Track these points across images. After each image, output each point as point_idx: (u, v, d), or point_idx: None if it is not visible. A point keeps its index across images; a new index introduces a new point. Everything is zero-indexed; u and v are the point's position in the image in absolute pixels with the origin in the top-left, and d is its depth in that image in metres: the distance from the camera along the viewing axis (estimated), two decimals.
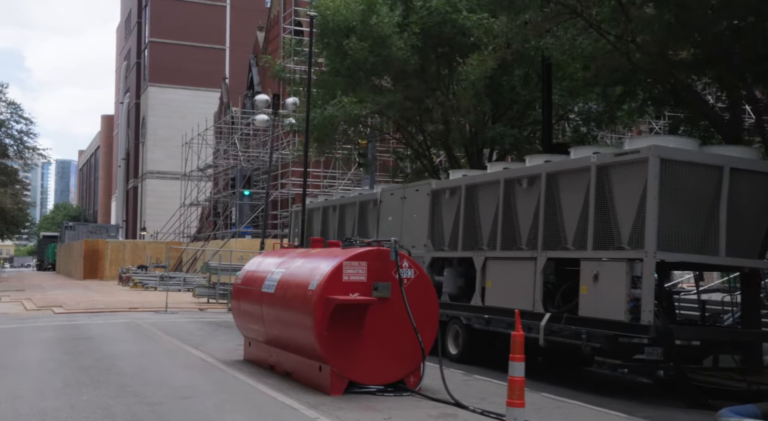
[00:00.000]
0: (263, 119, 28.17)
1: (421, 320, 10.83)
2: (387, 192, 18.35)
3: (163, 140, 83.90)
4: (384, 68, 19.64)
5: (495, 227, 13.96)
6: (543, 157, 13.29)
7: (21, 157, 48.40)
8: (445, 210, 15.80)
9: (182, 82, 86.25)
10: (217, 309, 27.77)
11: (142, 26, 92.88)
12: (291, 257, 12.71)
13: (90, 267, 55.83)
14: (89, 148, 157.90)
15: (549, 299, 12.53)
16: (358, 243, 11.45)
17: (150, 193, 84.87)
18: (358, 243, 11.46)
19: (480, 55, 17.40)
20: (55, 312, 25.15)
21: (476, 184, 14.75)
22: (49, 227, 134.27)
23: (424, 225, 16.36)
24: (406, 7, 19.20)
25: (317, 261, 11.48)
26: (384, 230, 18.12)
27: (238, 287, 14.07)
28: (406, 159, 25.62)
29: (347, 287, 10.63)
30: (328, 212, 21.76)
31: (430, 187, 16.31)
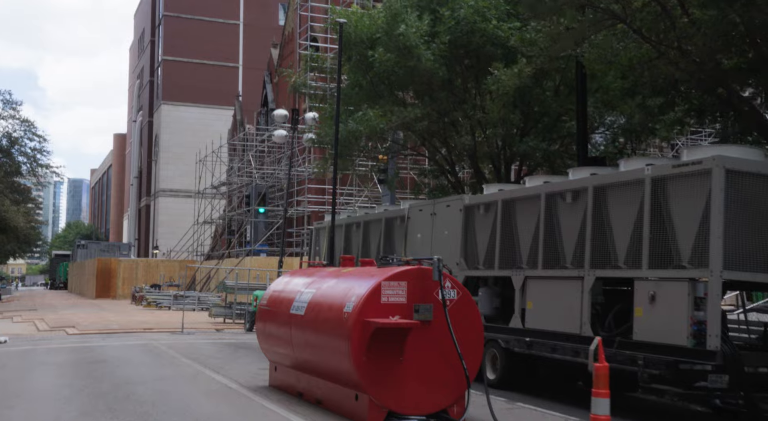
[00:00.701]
0: (282, 135, 27.52)
1: (466, 345, 10.02)
2: (415, 208, 17.58)
3: (176, 158, 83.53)
4: (410, 80, 18.95)
5: (536, 245, 13.15)
6: (588, 170, 12.50)
7: (34, 174, 47.94)
8: (479, 226, 15.01)
9: (195, 100, 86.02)
10: (235, 329, 27.00)
11: (155, 44, 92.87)
12: (321, 277, 11.94)
13: (102, 286, 55.21)
14: (101, 167, 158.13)
15: (598, 322, 11.69)
16: (396, 261, 10.68)
17: (162, 212, 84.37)
18: (395, 261, 10.68)
19: (513, 64, 16.65)
20: (68, 333, 24.44)
21: (514, 199, 13.97)
22: (61, 245, 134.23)
23: (456, 242, 15.57)
24: (433, 17, 18.52)
25: (352, 281, 10.71)
26: (412, 248, 17.34)
27: (263, 308, 13.30)
28: (429, 175, 24.85)
29: (386, 309, 9.85)
30: (351, 229, 21.01)
31: (462, 203, 15.53)
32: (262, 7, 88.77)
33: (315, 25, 43.90)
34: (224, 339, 22.85)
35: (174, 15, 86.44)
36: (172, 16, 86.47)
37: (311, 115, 26.51)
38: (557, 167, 19.12)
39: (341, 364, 10.09)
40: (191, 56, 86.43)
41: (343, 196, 44.16)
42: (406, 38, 17.69)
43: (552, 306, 12.60)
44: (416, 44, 17.88)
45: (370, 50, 18.59)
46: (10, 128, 44.65)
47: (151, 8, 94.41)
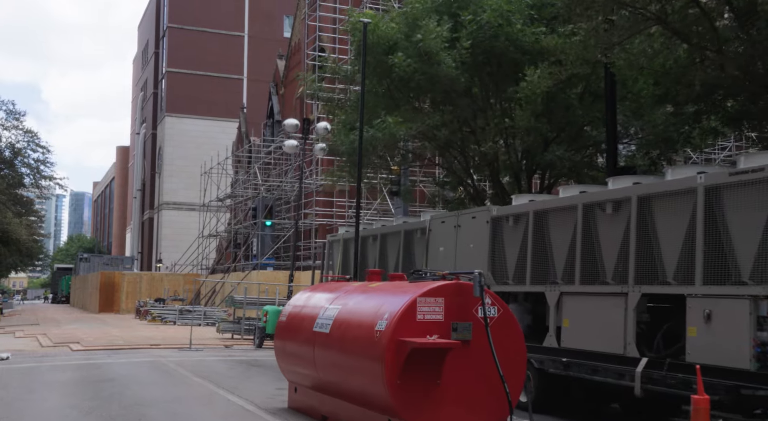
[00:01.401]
0: (292, 145, 26.80)
1: (507, 366, 9.25)
2: (437, 220, 16.83)
3: (180, 171, 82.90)
4: (430, 87, 18.23)
5: (572, 258, 12.39)
6: (630, 179, 11.75)
7: (37, 186, 47.23)
8: (508, 239, 14.26)
9: (199, 113, 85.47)
10: (244, 345, 26.20)
11: (159, 56, 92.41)
12: (347, 292, 11.17)
13: (106, 300, 54.40)
14: (104, 180, 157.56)
15: (644, 342, 10.91)
16: (430, 276, 9.92)
17: (166, 225, 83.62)
18: (429, 276, 9.93)
19: (542, 69, 15.94)
20: (72, 349, 23.64)
21: (547, 210, 13.22)
22: (63, 258, 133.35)
23: (482, 256, 14.81)
24: (454, 21, 17.82)
25: (382, 297, 9.95)
26: (434, 261, 16.59)
27: (282, 324, 12.53)
28: (447, 186, 24.08)
29: (422, 327, 9.08)
30: (368, 241, 20.26)
31: (489, 214, 14.78)
32: (267, 19, 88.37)
33: (323, 35, 43.34)
34: (234, 356, 22.05)
35: (178, 27, 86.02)
36: (177, 27, 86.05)
37: (323, 125, 25.76)
38: (582, 178, 18.37)
39: (372, 387, 9.32)
40: (195, 68, 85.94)
41: (351, 210, 43.42)
42: (426, 44, 16.99)
43: (591, 324, 11.83)
44: (436, 50, 17.18)
45: (390, 55, 17.89)
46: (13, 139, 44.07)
47: (155, 20, 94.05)
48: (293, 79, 54.51)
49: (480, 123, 18.25)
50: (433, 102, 18.82)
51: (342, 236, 21.80)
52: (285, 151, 50.44)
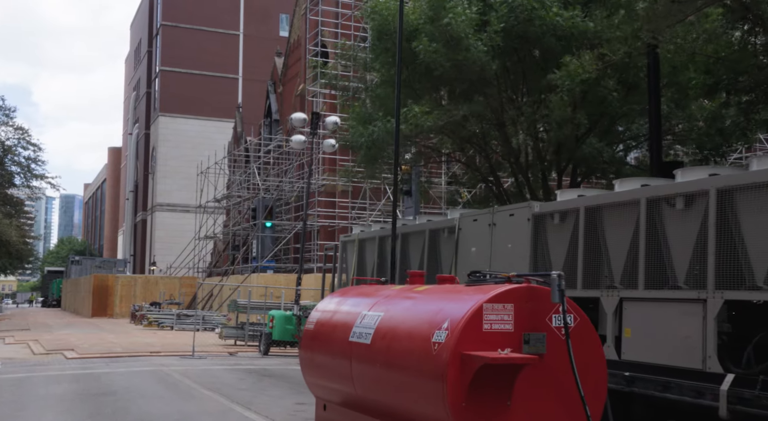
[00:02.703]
0: (300, 140, 25.42)
1: (587, 384, 7.91)
2: (468, 218, 15.48)
3: (174, 172, 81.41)
4: (456, 75, 16.89)
5: (634, 260, 11.05)
6: (705, 170, 10.42)
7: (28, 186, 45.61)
8: (553, 238, 12.91)
9: (193, 112, 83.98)
10: (248, 352, 24.83)
11: (152, 55, 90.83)
12: (387, 297, 9.80)
13: (99, 304, 52.84)
14: (95, 182, 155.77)
15: (727, 355, 9.58)
16: (491, 278, 8.57)
17: (159, 227, 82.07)
18: (491, 278, 8.58)
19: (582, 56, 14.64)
20: (67, 357, 22.21)
21: (602, 206, 11.87)
22: (54, 261, 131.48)
23: (523, 257, 13.46)
24: (483, 3, 16.49)
25: (436, 303, 8.59)
26: (464, 263, 15.25)
27: (310, 333, 11.14)
28: (467, 183, 22.74)
29: (489, 339, 7.72)
30: (386, 242, 18.87)
31: (531, 211, 13.43)
32: (263, 18, 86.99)
33: (325, 30, 42.01)
34: (241, 365, 20.66)
35: (172, 25, 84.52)
36: (170, 25, 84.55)
37: (333, 119, 24.43)
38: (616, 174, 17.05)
39: (429, 408, 7.96)
40: (190, 67, 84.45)
41: (354, 210, 42.12)
42: (455, 27, 15.66)
43: (660, 335, 10.48)
44: (465, 34, 15.86)
45: (414, 41, 16.56)
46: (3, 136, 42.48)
47: (149, 18, 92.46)
48: (292, 77, 53.26)
49: (511, 114, 16.92)
50: (458, 92, 17.46)
51: (357, 236, 20.42)
52: (284, 150, 49.25)
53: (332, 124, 24.57)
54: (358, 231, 20.83)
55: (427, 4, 16.70)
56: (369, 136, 17.93)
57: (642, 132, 17.41)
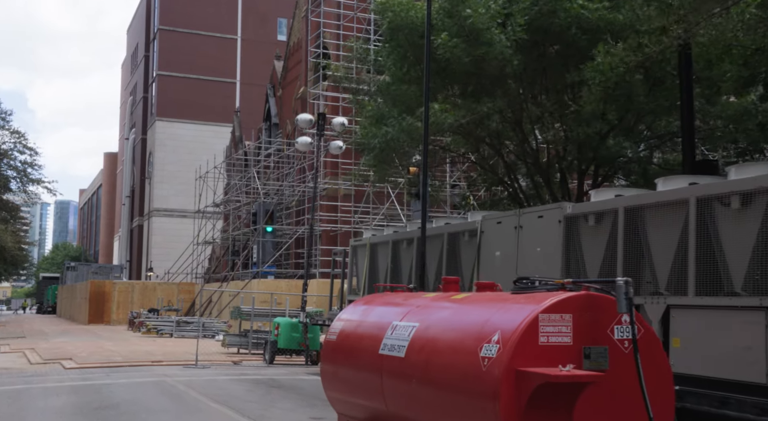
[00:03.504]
0: (306, 142, 24.58)
1: (654, 403, 7.07)
2: (491, 220, 14.69)
3: (171, 176, 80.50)
4: (475, 71, 16.09)
5: (682, 264, 10.26)
6: (764, 167, 9.62)
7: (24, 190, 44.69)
8: (587, 241, 12.13)
9: (191, 117, 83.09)
10: (253, 361, 23.95)
11: (149, 59, 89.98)
12: (422, 306, 8.96)
13: (96, 310, 51.83)
14: (90, 187, 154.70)
15: None
16: (542, 285, 7.73)
17: (156, 232, 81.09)
18: (541, 285, 7.74)
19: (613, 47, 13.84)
20: (65, 367, 21.30)
21: (643, 207, 11.10)
22: (48, 267, 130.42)
23: (554, 262, 12.68)
24: None
25: (480, 312, 7.74)
26: (488, 268, 14.47)
27: (332, 345, 10.28)
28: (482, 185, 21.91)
29: (546, 353, 6.87)
30: (400, 246, 18.09)
31: (562, 213, 12.65)
32: (261, 22, 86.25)
33: (327, 32, 41.22)
34: (247, 375, 19.78)
35: (169, 29, 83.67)
36: (168, 29, 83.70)
37: (340, 120, 23.61)
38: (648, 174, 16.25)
39: None
40: (187, 71, 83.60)
41: (357, 215, 41.28)
42: (476, 19, 14.87)
43: (715, 346, 9.68)
44: (487, 27, 15.06)
45: (432, 36, 15.72)
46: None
47: (146, 22, 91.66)
48: (292, 80, 52.47)
49: (533, 111, 16.12)
50: (472, 89, 16.65)
51: (368, 240, 19.62)
52: (284, 154, 48.42)
53: (339, 125, 23.76)
54: (369, 235, 20.03)
55: None
56: (383, 136, 17.10)
57: (671, 130, 16.63)
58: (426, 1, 17.72)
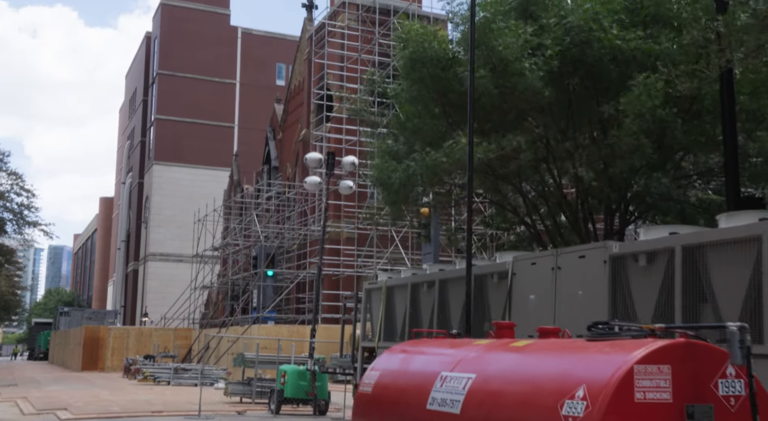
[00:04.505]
0: (315, 182, 23.69)
1: None
2: (523, 261, 13.73)
3: (168, 221, 79.54)
4: (501, 103, 15.27)
5: (755, 307, 9.29)
6: None
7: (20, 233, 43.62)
8: (638, 283, 11.16)
9: (189, 161, 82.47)
10: (257, 411, 22.71)
11: (147, 104, 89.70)
12: (476, 354, 7.94)
13: (89, 357, 50.32)
14: (85, 232, 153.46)
15: None
16: (626, 331, 6.73)
17: (152, 277, 79.77)
18: (625, 331, 6.74)
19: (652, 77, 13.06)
20: (60, 418, 20.04)
21: (705, 245, 10.14)
22: (41, 313, 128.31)
23: (599, 305, 11.68)
24: (539, 26, 14.94)
25: (554, 362, 6.73)
26: (521, 313, 13.45)
27: (366, 398, 9.22)
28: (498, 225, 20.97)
29: (642, 412, 5.83)
30: (419, 290, 17.07)
31: (607, 252, 11.69)
32: (260, 66, 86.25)
33: (331, 72, 40.73)
34: None
35: (168, 73, 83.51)
36: (167, 74, 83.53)
37: (350, 159, 22.78)
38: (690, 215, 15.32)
39: None
40: (185, 116, 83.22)
41: (360, 259, 40.27)
42: (506, 49, 14.11)
43: None
44: (518, 57, 14.30)
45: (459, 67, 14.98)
46: None
47: (145, 67, 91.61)
48: (293, 123, 51.92)
49: (567, 146, 15.27)
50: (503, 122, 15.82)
51: (384, 283, 18.59)
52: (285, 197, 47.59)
53: (349, 164, 22.92)
54: (385, 278, 19.02)
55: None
56: (404, 171, 16.22)
57: (710, 166, 15.82)
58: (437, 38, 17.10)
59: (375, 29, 39.72)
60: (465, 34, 15.63)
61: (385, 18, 39.83)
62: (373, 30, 39.88)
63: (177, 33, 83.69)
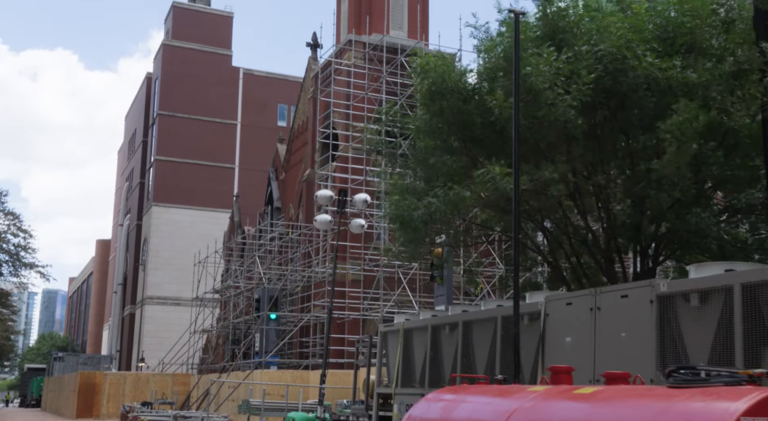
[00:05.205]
0: (325, 220, 22.90)
1: None
2: (558, 301, 12.87)
3: (166, 263, 78.46)
4: (529, 135, 14.55)
5: None
6: None
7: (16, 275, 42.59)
8: (690, 324, 10.30)
9: (188, 202, 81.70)
10: None
11: (147, 145, 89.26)
12: (533, 403, 7.05)
13: (84, 403, 48.87)
14: (81, 275, 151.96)
15: None
16: (717, 377, 5.87)
17: (149, 321, 78.38)
18: (717, 377, 5.87)
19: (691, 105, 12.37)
20: None
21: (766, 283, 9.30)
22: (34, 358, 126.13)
23: (645, 348, 10.81)
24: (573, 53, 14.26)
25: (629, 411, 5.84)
26: (556, 357, 12.55)
27: None
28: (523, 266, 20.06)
29: None
30: (440, 332, 16.14)
31: (654, 291, 10.85)
32: (261, 107, 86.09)
33: (337, 111, 40.17)
34: None
35: (169, 114, 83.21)
36: (167, 114, 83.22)
37: (362, 197, 22.03)
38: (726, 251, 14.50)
39: None
40: (185, 156, 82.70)
41: (366, 301, 39.25)
42: (537, 77, 13.42)
43: None
44: (549, 86, 13.61)
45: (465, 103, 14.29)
46: None
47: (145, 107, 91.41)
48: (296, 163, 51.31)
49: (599, 179, 14.50)
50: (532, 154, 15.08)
51: (401, 325, 17.66)
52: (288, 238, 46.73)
53: (362, 202, 22.17)
54: (402, 320, 18.08)
55: (501, 55, 14.54)
56: (425, 208, 15.41)
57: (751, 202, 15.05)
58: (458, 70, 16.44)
59: (383, 67, 39.26)
60: (491, 64, 14.97)
61: (393, 56, 39.42)
62: (380, 68, 39.43)
63: (178, 73, 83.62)
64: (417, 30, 42.60)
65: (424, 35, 42.78)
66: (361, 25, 42.02)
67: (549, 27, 14.93)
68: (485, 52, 15.75)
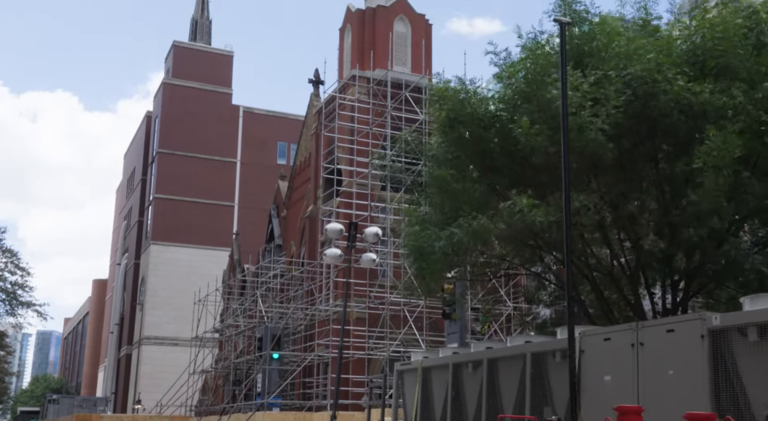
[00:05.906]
0: (335, 254, 22.15)
1: None
2: (594, 336, 12.10)
3: (164, 303, 77.31)
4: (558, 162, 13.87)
5: None
6: None
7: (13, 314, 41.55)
8: (746, 361, 9.56)
9: (187, 241, 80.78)
10: None
11: (146, 183, 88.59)
12: None
13: None
14: (76, 316, 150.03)
15: None
16: None
17: (146, 361, 76.91)
18: None
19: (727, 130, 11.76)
20: None
21: None
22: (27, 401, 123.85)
23: (697, 387, 10.01)
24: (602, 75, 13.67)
25: None
26: (593, 396, 11.73)
27: None
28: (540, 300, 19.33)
29: None
30: (463, 370, 15.31)
31: (705, 325, 10.10)
32: (261, 145, 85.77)
33: (341, 145, 39.61)
34: None
35: (168, 152, 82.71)
36: (167, 152, 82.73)
37: (373, 230, 21.33)
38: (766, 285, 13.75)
39: None
40: (184, 195, 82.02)
41: (371, 340, 38.27)
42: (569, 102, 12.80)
43: None
44: (576, 111, 13.00)
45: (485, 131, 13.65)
46: None
47: (144, 146, 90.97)
48: (298, 200, 50.67)
49: (631, 209, 13.83)
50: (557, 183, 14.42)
51: (419, 364, 16.82)
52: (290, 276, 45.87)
53: (373, 235, 21.45)
54: (420, 357, 17.26)
55: (523, 80, 13.95)
56: (448, 239, 14.69)
57: None
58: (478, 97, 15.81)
59: (387, 102, 38.83)
60: (514, 90, 14.38)
61: (397, 91, 39.01)
62: (384, 103, 39.00)
63: (178, 112, 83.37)
64: (421, 65, 42.30)
65: (428, 70, 42.46)
66: (364, 60, 41.73)
67: (574, 51, 14.39)
68: (507, 78, 15.19)
